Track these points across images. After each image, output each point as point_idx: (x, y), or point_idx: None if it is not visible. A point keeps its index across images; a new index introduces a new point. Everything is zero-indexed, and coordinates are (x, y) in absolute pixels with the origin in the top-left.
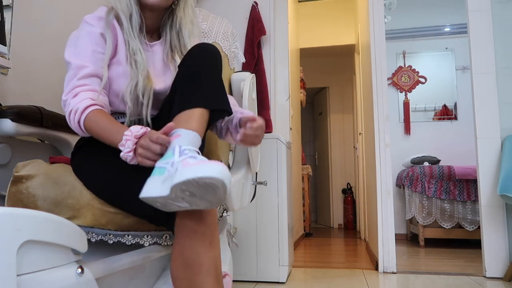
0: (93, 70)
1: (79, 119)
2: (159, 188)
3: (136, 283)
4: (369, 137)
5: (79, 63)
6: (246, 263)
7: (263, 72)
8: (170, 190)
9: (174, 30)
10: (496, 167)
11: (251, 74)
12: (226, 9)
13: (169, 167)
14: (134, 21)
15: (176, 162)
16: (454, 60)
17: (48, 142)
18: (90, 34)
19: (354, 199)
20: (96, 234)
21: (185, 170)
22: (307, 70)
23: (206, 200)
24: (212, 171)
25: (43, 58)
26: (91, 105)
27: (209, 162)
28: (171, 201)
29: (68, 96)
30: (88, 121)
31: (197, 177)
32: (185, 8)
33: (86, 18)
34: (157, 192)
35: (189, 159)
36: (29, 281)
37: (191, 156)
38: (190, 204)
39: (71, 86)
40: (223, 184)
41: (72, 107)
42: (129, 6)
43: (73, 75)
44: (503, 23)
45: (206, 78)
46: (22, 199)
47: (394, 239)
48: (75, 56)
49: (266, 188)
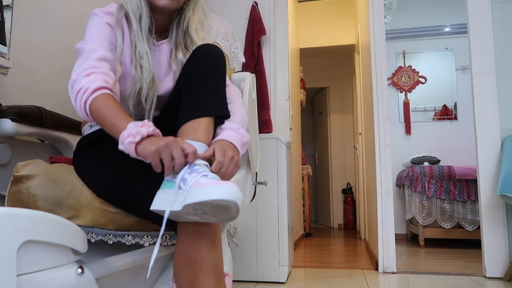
0: (105, 54)
1: (87, 98)
2: (171, 202)
3: (136, 283)
4: (369, 137)
5: (91, 47)
6: (246, 263)
7: (263, 72)
8: (182, 207)
9: (181, 29)
10: (496, 167)
11: (251, 74)
12: (226, 9)
13: (179, 182)
14: (144, 22)
15: (188, 179)
16: (454, 60)
17: (48, 142)
18: (100, 25)
19: (354, 199)
20: (96, 234)
21: (197, 191)
22: (307, 70)
23: (218, 217)
24: (224, 193)
25: (43, 58)
26: (103, 87)
27: (221, 184)
28: (183, 215)
29: (79, 75)
30: (95, 102)
31: (210, 199)
32: (194, 8)
33: (96, 11)
34: (169, 207)
35: (201, 178)
36: (29, 281)
37: (203, 174)
38: (201, 218)
39: (84, 66)
40: (235, 205)
41: (82, 85)
42: (139, 7)
43: (86, 58)
44: (503, 23)
45: (213, 84)
46: (22, 199)
47: (394, 239)
48: (85, 42)
49: (266, 188)
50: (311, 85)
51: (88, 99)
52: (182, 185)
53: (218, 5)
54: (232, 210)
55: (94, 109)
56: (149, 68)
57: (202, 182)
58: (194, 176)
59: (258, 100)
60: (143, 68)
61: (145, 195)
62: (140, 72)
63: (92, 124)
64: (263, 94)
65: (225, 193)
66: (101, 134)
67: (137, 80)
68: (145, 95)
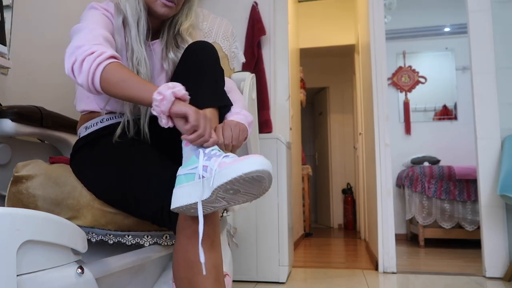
0: (108, 35)
1: (101, 62)
2: (196, 193)
3: (136, 283)
4: (369, 137)
5: (93, 26)
6: (246, 263)
7: (263, 72)
8: (211, 192)
9: (172, 32)
10: (496, 167)
11: (251, 74)
12: (226, 9)
13: (200, 171)
14: (142, 27)
15: (209, 165)
16: (454, 60)
17: (48, 142)
18: (100, 15)
19: (354, 199)
20: (96, 234)
21: (226, 170)
22: (307, 70)
23: (249, 194)
24: (256, 164)
25: (43, 58)
26: (117, 57)
27: (249, 157)
28: (209, 204)
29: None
30: (112, 66)
31: (244, 173)
32: (188, 13)
33: (93, 4)
34: (196, 197)
35: (224, 159)
36: (29, 281)
37: (224, 156)
38: (229, 201)
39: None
40: (269, 175)
41: (95, 49)
42: (138, 10)
43: (89, 32)
44: (503, 23)
45: (211, 76)
46: (22, 199)
47: (394, 239)
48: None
49: None
50: (311, 85)
51: (103, 62)
52: (205, 173)
53: (218, 5)
54: (265, 181)
55: (111, 71)
56: (146, 74)
57: (227, 162)
58: (214, 160)
59: (258, 100)
60: (140, 74)
61: (143, 196)
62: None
63: (87, 126)
64: (263, 94)
65: (257, 164)
66: (97, 136)
67: None
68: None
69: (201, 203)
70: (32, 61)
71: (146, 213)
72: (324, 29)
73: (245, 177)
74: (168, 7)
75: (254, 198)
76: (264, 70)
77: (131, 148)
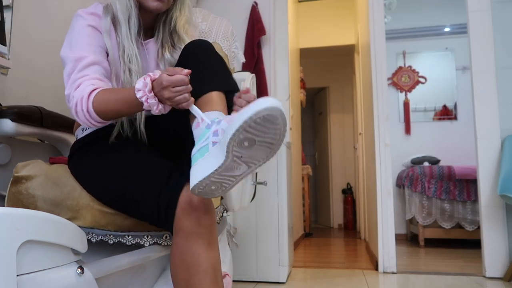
0: (93, 59)
1: (87, 105)
2: (211, 163)
3: (136, 283)
4: (369, 137)
5: (76, 55)
6: (246, 263)
7: (263, 72)
8: (226, 152)
9: (168, 28)
10: (496, 167)
11: (251, 74)
12: (226, 9)
13: (212, 138)
14: (133, 23)
15: (219, 128)
16: (454, 60)
17: (48, 142)
18: (84, 28)
19: (354, 199)
20: (96, 235)
21: (236, 118)
22: (307, 70)
23: (268, 142)
24: (265, 103)
25: (43, 58)
26: (95, 89)
27: (256, 100)
28: (228, 173)
29: (70, 90)
30: (96, 103)
31: (254, 113)
32: (181, 8)
33: (79, 12)
34: (211, 167)
35: (231, 116)
36: (29, 281)
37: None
38: (248, 162)
39: (72, 79)
40: (281, 112)
41: (76, 98)
42: (128, 7)
43: (72, 68)
44: (503, 23)
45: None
46: (22, 199)
47: (394, 239)
48: (71, 50)
49: (266, 188)
50: (311, 85)
51: (88, 105)
52: (216, 138)
53: (218, 5)
54: (279, 120)
55: (98, 110)
56: (138, 71)
57: (235, 115)
58: (223, 122)
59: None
60: (132, 72)
61: (140, 196)
62: (129, 75)
63: (84, 127)
64: (263, 94)
65: (266, 103)
66: (94, 137)
67: (126, 84)
68: None
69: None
70: (32, 61)
71: (144, 213)
72: (324, 29)
73: (256, 119)
74: (160, 1)
75: (272, 149)
76: (264, 70)
77: (127, 148)
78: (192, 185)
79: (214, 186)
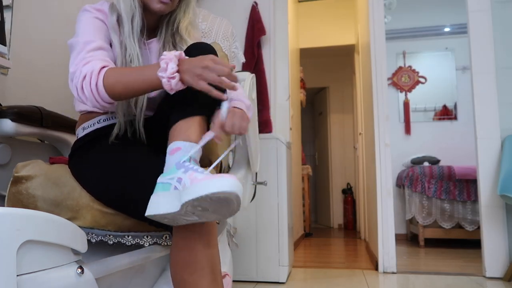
0: (101, 44)
1: (97, 80)
2: (168, 204)
3: (136, 283)
4: (369, 137)
5: (85, 39)
6: (246, 263)
7: (263, 72)
8: (180, 207)
9: (170, 29)
10: (496, 167)
11: (251, 74)
12: (226, 9)
13: (175, 182)
14: (136, 23)
15: (184, 178)
16: (454, 60)
17: (48, 142)
18: (92, 19)
19: (354, 199)
20: (96, 235)
21: (196, 187)
22: (307, 70)
23: (219, 213)
24: (224, 185)
25: (43, 58)
26: (105, 66)
27: (219, 176)
28: (181, 216)
29: (77, 67)
30: (107, 77)
31: (211, 193)
32: (186, 10)
33: (86, 7)
34: (166, 209)
35: (197, 174)
36: (29, 281)
37: (199, 171)
38: (200, 217)
39: (80, 58)
40: (237, 197)
41: (85, 72)
42: (133, 7)
43: (81, 49)
44: (503, 23)
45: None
46: (22, 199)
47: (394, 239)
48: (78, 36)
49: (266, 188)
50: (311, 85)
51: (98, 80)
52: (178, 185)
53: (218, 5)
54: (233, 202)
55: (108, 84)
56: None
57: (198, 178)
58: (190, 174)
59: (258, 100)
60: None
61: (140, 197)
62: None
63: (85, 126)
64: (263, 94)
65: (225, 185)
66: (94, 137)
67: None
68: (134, 100)
69: (170, 215)
70: (32, 61)
71: (143, 213)
72: (324, 29)
73: (212, 197)
74: (163, 3)
75: (223, 218)
76: (264, 70)
77: (127, 148)
78: (147, 213)
79: (167, 220)
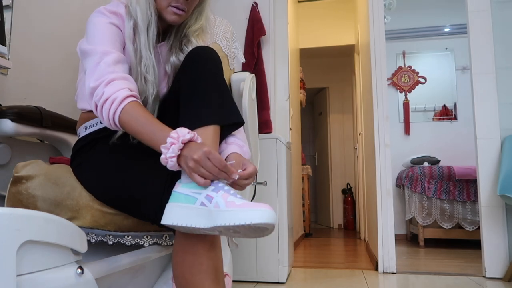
0: (120, 56)
1: (116, 110)
2: (193, 219)
3: (136, 283)
4: (369, 137)
5: (103, 49)
6: (246, 263)
7: (263, 72)
8: (212, 226)
9: (180, 34)
10: (496, 167)
11: (251, 74)
12: (226, 9)
13: (203, 198)
14: (152, 33)
15: (215, 198)
16: (454, 60)
17: (48, 142)
18: (108, 25)
19: (354, 199)
20: (95, 235)
21: (235, 213)
22: (307, 70)
23: (247, 236)
24: (265, 217)
25: (43, 58)
26: (129, 95)
27: (259, 206)
28: (205, 231)
29: (99, 83)
30: (124, 113)
31: (253, 223)
32: (198, 18)
33: (101, 9)
34: (191, 223)
35: (233, 198)
36: (29, 281)
37: (233, 193)
38: (224, 235)
39: (100, 72)
40: (273, 227)
41: (107, 95)
42: (149, 15)
43: (99, 59)
44: (503, 23)
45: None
46: (22, 199)
47: (394, 239)
48: (95, 43)
49: (266, 188)
50: (311, 85)
51: (117, 111)
52: (207, 203)
53: (218, 5)
54: (268, 231)
55: (123, 121)
56: (154, 82)
57: (236, 204)
58: (223, 195)
59: (258, 100)
60: (148, 82)
61: (141, 196)
62: (145, 84)
63: (87, 125)
64: (263, 94)
65: (266, 217)
66: (96, 137)
67: (141, 92)
68: (149, 107)
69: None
70: (32, 61)
71: (145, 213)
72: (324, 29)
73: (252, 226)
74: (178, 15)
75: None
76: (264, 70)
77: (129, 149)
78: (167, 221)
79: (183, 228)
